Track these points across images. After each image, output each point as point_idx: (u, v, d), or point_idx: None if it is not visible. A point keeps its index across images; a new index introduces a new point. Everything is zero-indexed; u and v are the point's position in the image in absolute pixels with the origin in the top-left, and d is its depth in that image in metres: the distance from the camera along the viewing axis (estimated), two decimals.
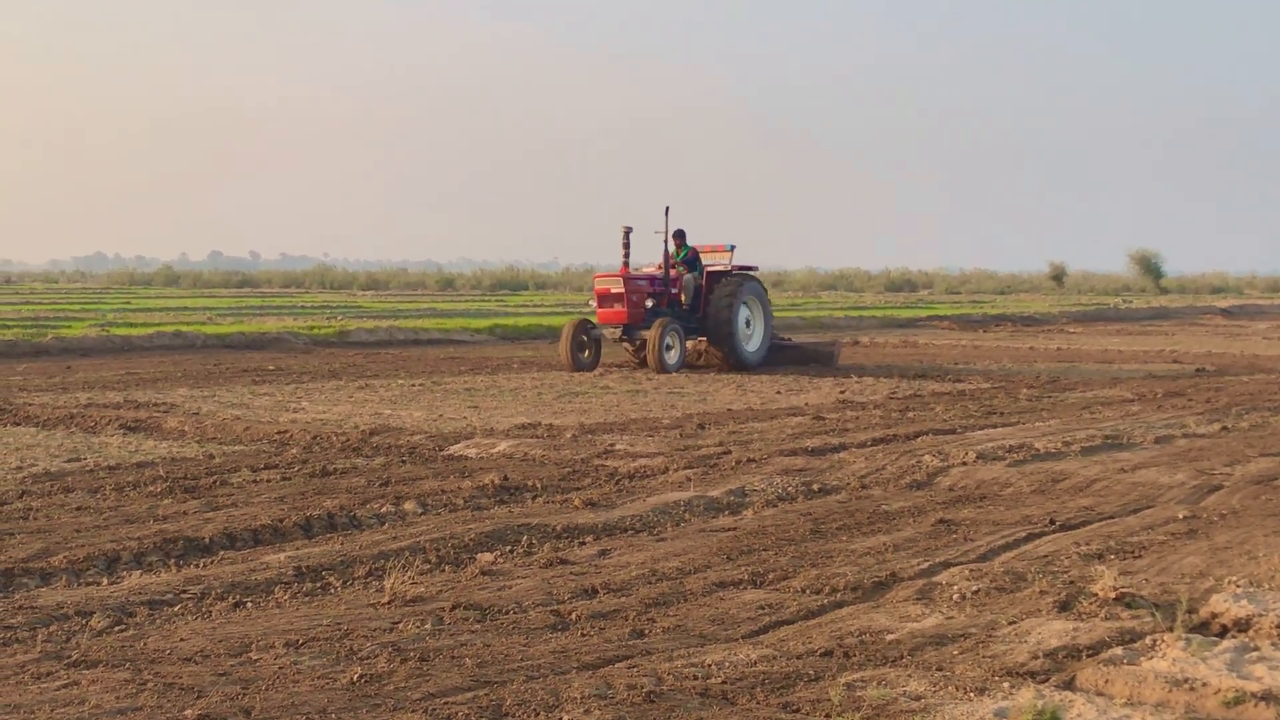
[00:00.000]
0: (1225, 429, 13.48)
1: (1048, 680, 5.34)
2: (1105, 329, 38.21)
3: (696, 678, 5.37)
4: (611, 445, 12.06)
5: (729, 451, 11.68)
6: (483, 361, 23.06)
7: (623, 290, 21.13)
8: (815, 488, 10.03)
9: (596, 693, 5.15)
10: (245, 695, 5.17)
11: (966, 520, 8.85)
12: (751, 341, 22.14)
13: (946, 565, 7.46)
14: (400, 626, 6.15)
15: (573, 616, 6.37)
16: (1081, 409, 15.41)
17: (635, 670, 5.47)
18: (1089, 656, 5.62)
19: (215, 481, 9.95)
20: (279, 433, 12.78)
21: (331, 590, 6.90)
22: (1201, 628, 6.05)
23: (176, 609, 6.49)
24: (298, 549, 7.81)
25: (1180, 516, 8.94)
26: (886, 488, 10.15)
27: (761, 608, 6.53)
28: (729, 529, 8.57)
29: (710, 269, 22.33)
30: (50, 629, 6.12)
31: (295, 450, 11.72)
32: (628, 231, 21.53)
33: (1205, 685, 5.11)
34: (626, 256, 21.63)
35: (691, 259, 22.16)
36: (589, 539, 8.23)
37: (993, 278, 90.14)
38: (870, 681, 5.28)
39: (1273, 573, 6.96)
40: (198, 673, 5.46)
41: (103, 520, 8.47)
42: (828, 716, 4.95)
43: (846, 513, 9.09)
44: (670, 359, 20.71)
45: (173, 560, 7.51)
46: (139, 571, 7.26)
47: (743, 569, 7.33)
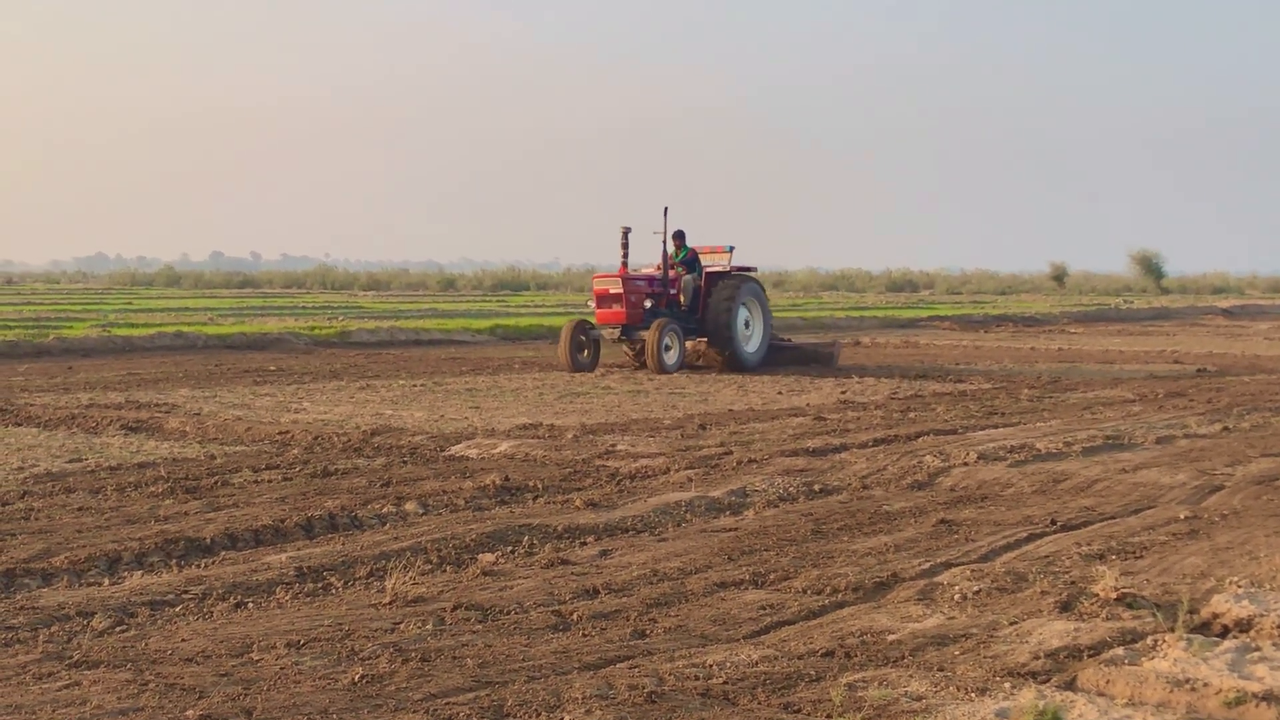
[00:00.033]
0: (1226, 429, 13.48)
1: (1049, 681, 5.34)
2: (1106, 329, 38.19)
3: (698, 678, 5.37)
4: (613, 446, 12.06)
5: (730, 452, 11.68)
6: (484, 362, 23.06)
7: (621, 291, 21.12)
8: (816, 488, 10.03)
9: (598, 693, 5.15)
10: (247, 696, 5.17)
11: (968, 520, 8.85)
12: (750, 342, 22.14)
13: (948, 565, 7.46)
14: (402, 627, 6.15)
15: (574, 617, 6.37)
16: (1083, 409, 15.41)
17: (637, 670, 5.48)
18: (1090, 657, 5.62)
19: (217, 482, 9.96)
20: (280, 433, 12.79)
21: (333, 591, 6.91)
22: (1203, 628, 6.05)
23: (178, 609, 6.50)
24: (299, 549, 7.82)
25: (1181, 517, 8.94)
26: (888, 488, 10.15)
27: (763, 608, 6.54)
28: (730, 529, 8.57)
29: (709, 270, 22.33)
30: (52, 629, 6.12)
31: (296, 451, 11.72)
32: (626, 232, 21.52)
33: (1206, 686, 5.11)
34: (625, 257, 21.62)
35: (690, 260, 22.16)
36: (590, 539, 8.23)
37: (994, 278, 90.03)
38: (871, 682, 5.28)
39: (1274, 573, 6.96)
40: (199, 673, 5.47)
41: (104, 521, 8.48)
42: (829, 717, 4.96)
43: (848, 513, 9.09)
44: (669, 359, 20.71)
45: (174, 561, 7.51)
46: (140, 572, 7.27)
47: (744, 569, 7.34)
